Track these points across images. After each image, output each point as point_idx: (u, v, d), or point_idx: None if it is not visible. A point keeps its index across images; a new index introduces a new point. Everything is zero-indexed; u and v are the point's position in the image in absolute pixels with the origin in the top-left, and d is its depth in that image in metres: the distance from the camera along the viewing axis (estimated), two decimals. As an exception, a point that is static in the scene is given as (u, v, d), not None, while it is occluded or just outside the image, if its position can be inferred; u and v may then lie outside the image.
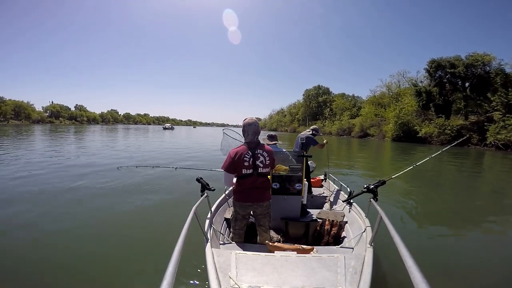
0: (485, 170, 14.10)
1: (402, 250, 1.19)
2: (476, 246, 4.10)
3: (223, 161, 2.47)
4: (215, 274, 1.67)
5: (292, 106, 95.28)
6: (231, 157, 2.39)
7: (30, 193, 5.70)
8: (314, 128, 5.07)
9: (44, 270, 2.89)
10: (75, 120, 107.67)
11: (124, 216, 4.62)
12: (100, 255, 3.24)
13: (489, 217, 5.56)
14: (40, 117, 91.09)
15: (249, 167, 2.40)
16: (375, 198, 2.40)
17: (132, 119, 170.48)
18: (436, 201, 6.76)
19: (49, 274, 2.82)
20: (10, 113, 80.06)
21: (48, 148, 15.35)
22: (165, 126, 79.21)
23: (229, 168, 2.42)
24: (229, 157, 2.41)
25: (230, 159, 2.40)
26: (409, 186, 8.17)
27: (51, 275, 2.81)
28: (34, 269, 2.91)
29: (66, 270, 2.89)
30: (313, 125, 7.09)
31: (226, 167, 2.42)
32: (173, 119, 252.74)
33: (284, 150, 3.29)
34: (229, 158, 2.40)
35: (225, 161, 2.43)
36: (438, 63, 33.98)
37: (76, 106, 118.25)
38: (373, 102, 51.36)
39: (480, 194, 8.09)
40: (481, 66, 31.21)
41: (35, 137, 24.31)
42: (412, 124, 36.02)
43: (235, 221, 2.56)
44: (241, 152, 2.39)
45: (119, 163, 9.47)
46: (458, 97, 33.28)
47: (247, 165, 2.39)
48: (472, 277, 3.09)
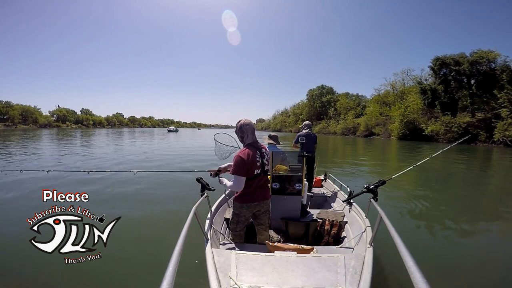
0: (493, 167, 13.89)
1: (402, 250, 1.19)
2: (477, 246, 4.08)
3: (231, 166, 2.39)
4: (215, 274, 1.67)
5: (296, 106, 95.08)
6: (244, 160, 2.32)
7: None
8: (309, 124, 5.10)
9: (44, 270, 2.87)
10: (81, 124, 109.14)
11: (124, 216, 4.63)
12: (99, 255, 3.25)
13: (491, 216, 5.49)
14: (47, 121, 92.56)
15: (259, 167, 2.43)
16: (375, 198, 2.39)
17: (137, 122, 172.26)
18: (438, 201, 6.69)
19: (49, 273, 2.81)
20: (18, 118, 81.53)
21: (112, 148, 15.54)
22: (169, 129, 79.90)
23: (241, 171, 2.33)
24: (241, 161, 2.31)
25: (241, 162, 2.32)
26: (410, 186, 8.10)
27: (51, 274, 2.80)
28: (34, 267, 2.91)
29: (66, 270, 2.82)
30: (318, 124, 7.09)
31: (239, 171, 2.32)
32: (178, 122, 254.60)
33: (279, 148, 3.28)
34: (242, 162, 2.32)
35: (237, 165, 2.32)
36: (443, 60, 33.66)
37: (82, 110, 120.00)
38: (377, 101, 50.97)
39: (485, 192, 7.96)
40: (486, 63, 30.86)
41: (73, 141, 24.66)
42: (418, 122, 35.69)
43: (237, 223, 2.54)
44: (252, 154, 2.38)
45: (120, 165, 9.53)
46: (464, 95, 32.92)
47: (258, 165, 2.42)
48: (472, 277, 3.07)
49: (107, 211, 4.52)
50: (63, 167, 9.66)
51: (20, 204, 5.10)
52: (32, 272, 2.87)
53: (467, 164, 14.00)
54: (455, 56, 33.04)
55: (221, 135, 3.71)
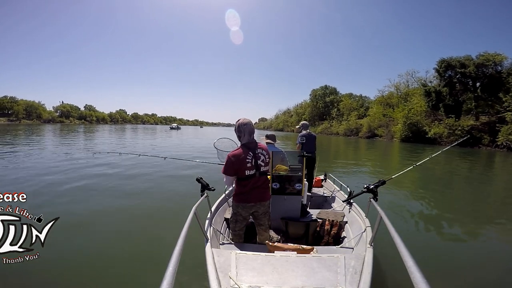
0: (495, 170, 13.81)
1: (402, 250, 1.18)
2: (477, 246, 4.08)
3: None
4: (215, 274, 1.67)
5: (298, 106, 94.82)
6: (231, 160, 2.38)
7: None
8: (306, 124, 5.09)
9: (43, 269, 2.82)
10: (85, 119, 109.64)
11: (124, 216, 4.61)
12: (100, 255, 3.23)
13: (492, 217, 5.48)
14: (51, 116, 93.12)
15: (251, 168, 2.41)
16: (375, 198, 2.39)
17: (140, 119, 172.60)
18: (438, 202, 6.68)
19: (48, 273, 2.80)
20: (22, 113, 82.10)
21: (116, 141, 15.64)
22: (172, 126, 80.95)
23: (229, 172, 2.41)
24: (229, 161, 2.39)
25: (229, 162, 2.39)
26: (410, 186, 8.09)
27: (50, 274, 2.79)
28: (33, 268, 2.82)
29: (64, 269, 2.87)
30: (320, 125, 7.10)
31: (226, 171, 2.41)
32: (180, 119, 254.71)
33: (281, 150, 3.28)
34: (229, 162, 2.39)
35: (226, 165, 2.41)
36: (448, 63, 33.32)
37: (85, 106, 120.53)
38: (381, 102, 50.66)
39: (486, 195, 7.92)
40: (492, 66, 30.47)
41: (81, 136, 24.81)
42: (421, 124, 35.42)
43: (235, 222, 2.55)
44: (241, 155, 2.39)
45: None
46: (469, 97, 32.58)
47: (249, 166, 2.40)
48: (472, 277, 3.07)
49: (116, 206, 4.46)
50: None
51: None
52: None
53: (469, 167, 13.92)
54: (460, 58, 32.69)
55: (221, 140, 3.71)
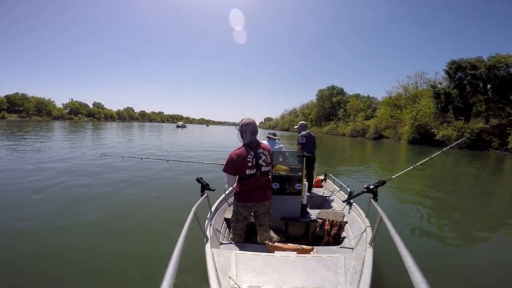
0: (503, 175, 13.49)
1: (402, 250, 1.18)
2: (477, 247, 4.06)
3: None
4: (215, 274, 1.67)
5: (305, 106, 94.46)
6: (232, 159, 2.40)
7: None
8: (304, 124, 5.09)
9: (42, 268, 2.88)
10: (93, 117, 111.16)
11: (124, 216, 4.59)
12: (100, 255, 3.24)
13: (492, 219, 5.43)
14: (60, 113, 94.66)
15: (252, 167, 2.41)
16: (375, 198, 2.38)
17: (147, 116, 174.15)
18: (439, 203, 6.62)
19: (47, 272, 2.82)
20: (32, 110, 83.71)
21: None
22: (178, 124, 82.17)
23: (229, 170, 2.43)
24: (230, 160, 2.41)
25: (230, 161, 2.41)
26: (411, 187, 8.01)
27: (50, 273, 2.80)
28: (33, 267, 2.90)
29: (64, 269, 2.88)
30: (326, 125, 7.09)
31: (227, 169, 2.43)
32: (187, 117, 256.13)
33: (281, 144, 3.26)
34: (230, 160, 2.41)
35: (226, 164, 2.43)
36: (459, 64, 32.71)
37: (94, 104, 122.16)
38: (388, 103, 50.09)
39: (490, 198, 7.81)
40: (504, 67, 29.83)
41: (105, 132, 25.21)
42: (430, 126, 34.90)
43: (236, 222, 2.56)
44: (242, 154, 2.40)
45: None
46: (479, 100, 31.90)
47: (250, 166, 2.40)
48: (472, 277, 3.05)
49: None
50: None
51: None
52: None
53: (476, 170, 13.68)
54: (471, 60, 32.07)
55: None
